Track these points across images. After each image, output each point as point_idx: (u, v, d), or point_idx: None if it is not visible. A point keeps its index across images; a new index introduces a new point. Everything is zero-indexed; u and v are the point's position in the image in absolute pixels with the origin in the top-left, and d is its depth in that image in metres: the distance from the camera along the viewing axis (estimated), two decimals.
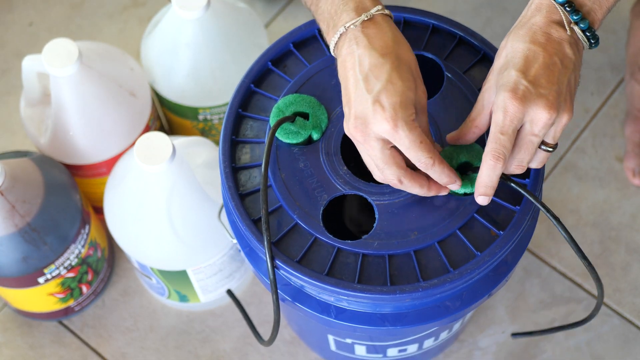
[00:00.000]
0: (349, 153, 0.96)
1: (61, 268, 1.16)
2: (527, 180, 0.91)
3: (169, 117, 1.30)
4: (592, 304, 1.26)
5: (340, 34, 0.87)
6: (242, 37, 1.20)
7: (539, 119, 0.83)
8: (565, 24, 0.85)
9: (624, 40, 1.41)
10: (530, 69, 0.83)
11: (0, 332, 1.28)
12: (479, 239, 0.90)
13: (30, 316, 1.26)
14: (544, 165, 0.90)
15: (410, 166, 0.88)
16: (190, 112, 1.24)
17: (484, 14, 1.45)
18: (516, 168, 0.86)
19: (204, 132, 1.28)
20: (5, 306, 1.29)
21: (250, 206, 0.92)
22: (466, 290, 0.92)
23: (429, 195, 0.89)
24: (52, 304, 1.22)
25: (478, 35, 0.97)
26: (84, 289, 1.23)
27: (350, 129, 0.85)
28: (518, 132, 0.84)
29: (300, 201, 0.91)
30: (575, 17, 0.84)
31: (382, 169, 0.86)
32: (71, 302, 1.24)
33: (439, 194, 0.90)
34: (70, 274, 1.18)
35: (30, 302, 1.21)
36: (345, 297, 0.89)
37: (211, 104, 1.22)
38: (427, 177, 0.88)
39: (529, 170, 0.91)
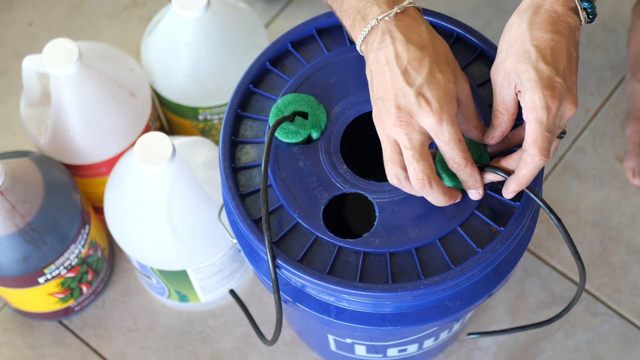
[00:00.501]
0: (349, 152, 0.96)
1: (61, 268, 1.16)
2: None
3: (169, 117, 1.30)
4: (592, 304, 1.26)
5: (372, 27, 0.85)
6: (242, 37, 1.20)
7: (567, 114, 0.83)
8: (579, 10, 0.84)
9: (624, 40, 1.41)
10: (558, 63, 0.82)
11: (1, 332, 1.28)
12: (479, 236, 0.90)
13: (30, 316, 1.26)
14: (542, 174, 0.91)
15: None
16: (190, 112, 1.24)
17: (484, 14, 1.45)
18: (542, 157, 0.85)
19: (204, 132, 1.28)
20: (5, 306, 1.29)
21: (251, 206, 0.92)
22: (466, 290, 0.92)
23: (442, 205, 0.88)
24: (52, 304, 1.22)
25: (476, 32, 0.97)
26: (84, 289, 1.23)
27: (392, 121, 0.83)
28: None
29: (300, 200, 0.91)
30: (586, 4, 0.84)
31: (413, 164, 0.84)
32: (71, 302, 1.24)
33: (457, 201, 0.89)
34: (70, 274, 1.18)
35: (31, 302, 1.21)
36: (347, 296, 0.89)
37: (211, 104, 1.22)
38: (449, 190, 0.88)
39: None
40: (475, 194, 0.89)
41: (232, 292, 1.10)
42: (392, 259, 0.89)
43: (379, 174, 0.94)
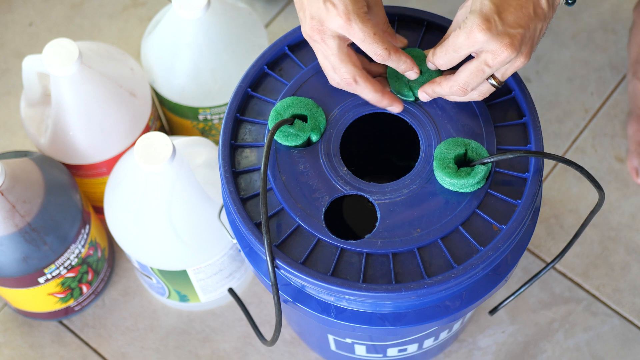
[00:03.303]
0: (349, 154, 0.96)
1: (61, 268, 1.16)
2: (527, 174, 0.91)
3: (169, 117, 1.30)
4: (592, 304, 1.26)
5: None
6: (242, 37, 1.20)
7: (499, 55, 0.85)
8: None
9: (624, 40, 1.41)
10: (505, 5, 0.85)
11: (1, 332, 1.28)
12: (481, 234, 0.90)
13: (31, 316, 1.26)
14: (542, 172, 0.90)
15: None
16: (191, 112, 1.24)
17: None
18: (459, 90, 0.89)
19: (204, 132, 1.28)
20: (5, 306, 1.29)
21: (252, 210, 0.92)
22: (466, 290, 0.92)
23: (381, 105, 0.93)
24: (52, 304, 1.22)
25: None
26: (84, 288, 1.23)
27: (307, 30, 0.89)
28: (474, 56, 0.87)
29: (301, 203, 0.91)
30: None
31: (337, 68, 0.90)
32: (71, 302, 1.24)
33: (392, 107, 0.93)
34: (71, 274, 1.18)
35: (31, 302, 1.21)
36: (351, 297, 0.89)
37: (211, 104, 1.22)
38: (382, 87, 0.93)
39: (528, 166, 0.92)
40: (412, 74, 0.92)
41: (230, 290, 1.10)
42: (394, 259, 0.89)
43: (379, 176, 0.94)
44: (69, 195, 1.15)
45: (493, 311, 1.10)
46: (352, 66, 0.90)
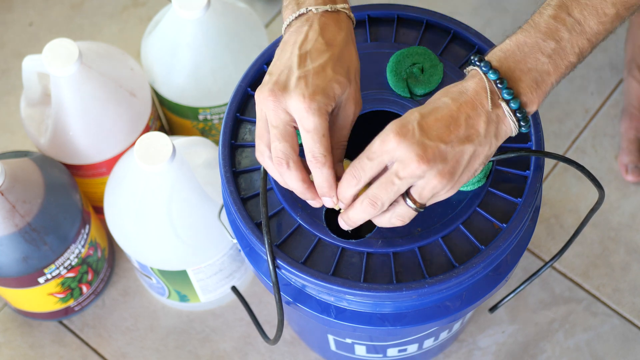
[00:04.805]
0: (349, 153, 0.96)
1: (61, 268, 1.16)
2: (527, 172, 0.91)
3: (169, 117, 1.30)
4: (592, 304, 1.26)
5: (300, 14, 0.86)
6: (242, 37, 1.20)
7: (407, 164, 0.78)
8: (489, 97, 0.80)
9: (624, 40, 1.41)
10: (430, 116, 0.79)
11: (1, 332, 1.28)
12: (482, 233, 0.90)
13: (31, 316, 1.26)
14: (543, 169, 0.90)
15: None
16: (190, 112, 1.24)
17: (484, 14, 1.45)
18: (369, 204, 0.81)
19: (204, 132, 1.28)
20: (5, 306, 1.29)
21: (253, 209, 0.92)
22: (466, 290, 0.92)
23: (303, 197, 0.86)
24: (52, 304, 1.22)
25: (472, 29, 0.97)
26: (84, 288, 1.23)
27: (264, 91, 0.82)
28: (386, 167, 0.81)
29: (302, 203, 0.91)
30: (507, 95, 0.80)
31: (275, 143, 0.83)
32: (71, 302, 1.24)
33: (313, 202, 0.86)
34: (71, 274, 1.18)
35: (31, 302, 1.21)
36: (351, 297, 0.89)
37: (211, 104, 1.22)
38: (309, 180, 0.85)
39: (528, 164, 0.92)
40: (328, 201, 0.85)
41: (233, 288, 1.10)
42: (395, 258, 0.89)
43: None
44: (69, 195, 1.15)
45: (493, 309, 1.10)
46: (290, 148, 0.83)
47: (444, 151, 0.78)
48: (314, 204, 0.86)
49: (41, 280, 1.15)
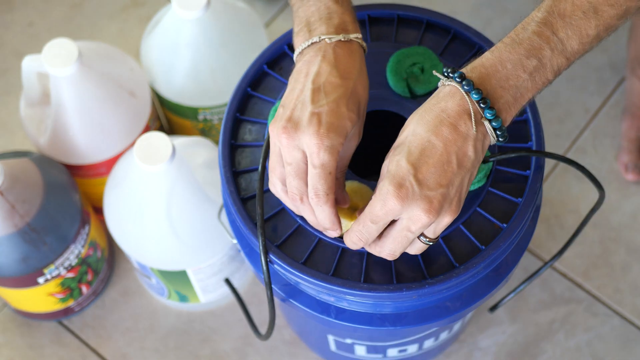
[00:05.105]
0: None
1: (61, 268, 1.16)
2: (528, 172, 0.91)
3: (169, 117, 1.30)
4: (593, 304, 1.26)
5: (312, 42, 0.85)
6: (242, 37, 1.20)
7: (417, 220, 0.79)
8: (474, 119, 0.79)
9: (624, 39, 1.41)
10: (422, 165, 0.79)
11: (0, 332, 1.28)
12: (482, 233, 0.90)
13: (30, 316, 1.26)
14: (544, 169, 0.90)
15: None
16: (190, 112, 1.24)
17: (484, 14, 1.45)
18: (388, 256, 0.84)
19: (204, 132, 1.28)
20: (5, 306, 1.29)
21: (252, 210, 0.92)
22: (466, 290, 0.92)
23: (318, 228, 0.87)
24: (52, 304, 1.22)
25: (472, 29, 0.97)
26: (84, 289, 1.23)
27: (278, 128, 0.83)
28: (395, 223, 0.81)
29: None
30: (489, 115, 0.79)
31: (290, 180, 0.84)
32: (71, 302, 1.24)
33: (329, 232, 0.87)
34: (70, 274, 1.18)
35: (30, 302, 1.21)
36: (351, 297, 0.89)
37: (211, 103, 1.22)
38: None
39: (529, 164, 0.91)
40: (332, 234, 0.87)
41: (227, 281, 1.10)
42: (396, 258, 0.89)
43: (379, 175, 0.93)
44: (69, 195, 1.15)
45: (493, 308, 1.10)
46: (304, 184, 0.83)
47: (447, 193, 0.79)
48: (331, 234, 0.87)
49: (41, 280, 1.15)
